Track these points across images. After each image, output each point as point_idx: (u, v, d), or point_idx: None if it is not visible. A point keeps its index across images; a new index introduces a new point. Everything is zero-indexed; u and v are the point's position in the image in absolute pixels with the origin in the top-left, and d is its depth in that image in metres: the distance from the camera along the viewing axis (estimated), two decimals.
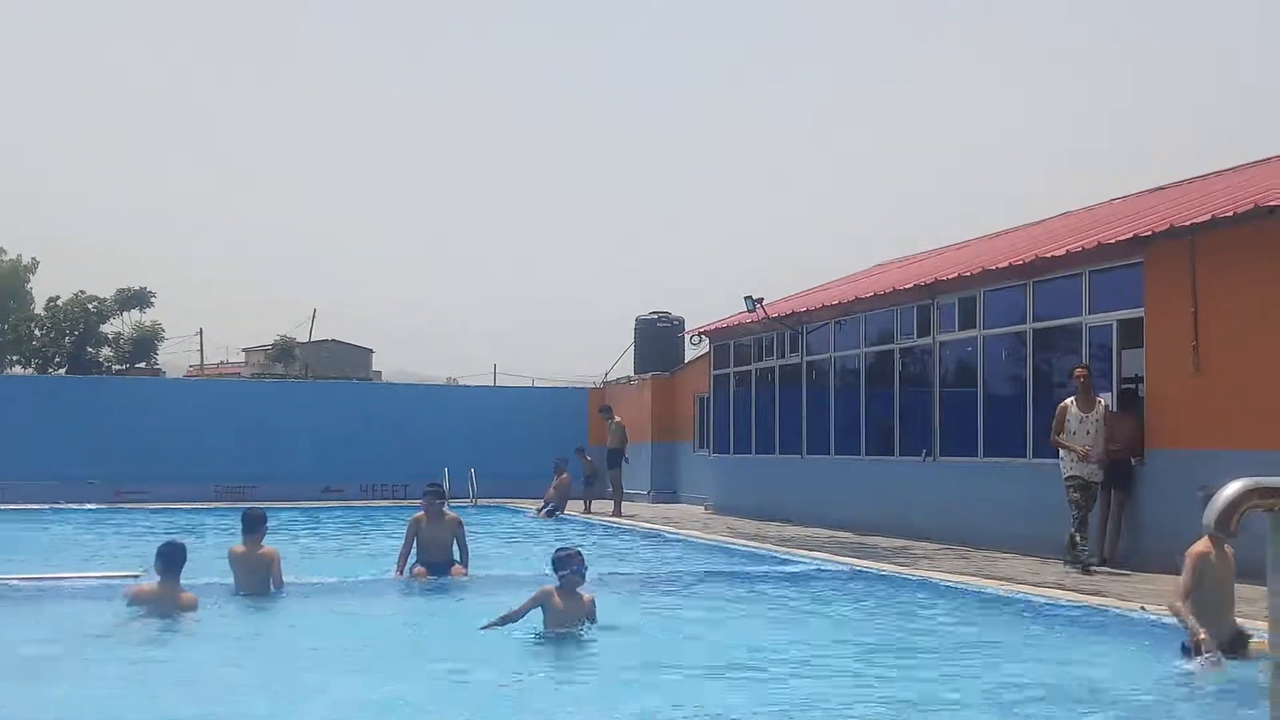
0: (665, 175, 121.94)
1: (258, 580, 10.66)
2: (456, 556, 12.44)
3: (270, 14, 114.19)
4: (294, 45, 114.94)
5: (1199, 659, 7.19)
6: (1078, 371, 13.31)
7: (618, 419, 24.87)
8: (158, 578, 9.49)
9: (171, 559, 9.41)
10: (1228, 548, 7.84)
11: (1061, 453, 13.17)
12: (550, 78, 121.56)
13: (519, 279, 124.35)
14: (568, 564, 8.57)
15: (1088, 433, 12.97)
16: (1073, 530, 12.92)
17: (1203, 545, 7.68)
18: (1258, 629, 8.34)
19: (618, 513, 22.86)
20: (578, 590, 8.64)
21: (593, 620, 8.75)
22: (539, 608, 8.55)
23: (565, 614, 8.54)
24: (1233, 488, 2.26)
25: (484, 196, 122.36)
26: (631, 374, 31.10)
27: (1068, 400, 13.23)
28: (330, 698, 6.98)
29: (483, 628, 8.56)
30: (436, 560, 12.33)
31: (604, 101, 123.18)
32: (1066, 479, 13.06)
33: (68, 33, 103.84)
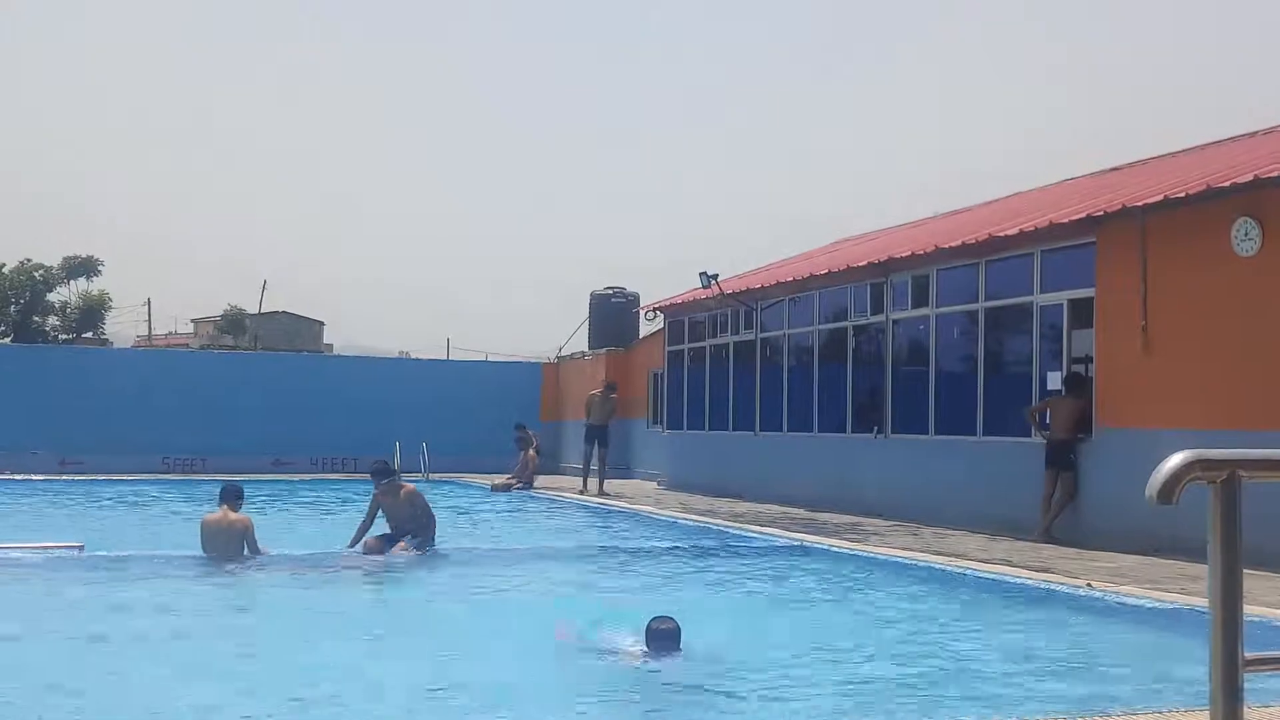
0: (621, 149, 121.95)
1: (232, 547, 11.12)
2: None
3: None
4: (241, 5, 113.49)
5: None
6: None
7: (614, 395, 23.09)
8: None
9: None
10: None
11: None
12: (508, 50, 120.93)
13: (473, 253, 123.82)
14: (658, 639, 6.97)
15: None
16: None
17: None
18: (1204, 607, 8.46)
19: (602, 490, 21.66)
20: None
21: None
22: None
23: None
24: (1176, 459, 2.25)
25: (439, 169, 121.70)
26: (586, 349, 31.03)
27: None
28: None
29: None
30: (407, 530, 12.30)
31: (559, 76, 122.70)
32: None
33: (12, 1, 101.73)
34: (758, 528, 14.97)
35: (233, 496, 11.40)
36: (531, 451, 23.68)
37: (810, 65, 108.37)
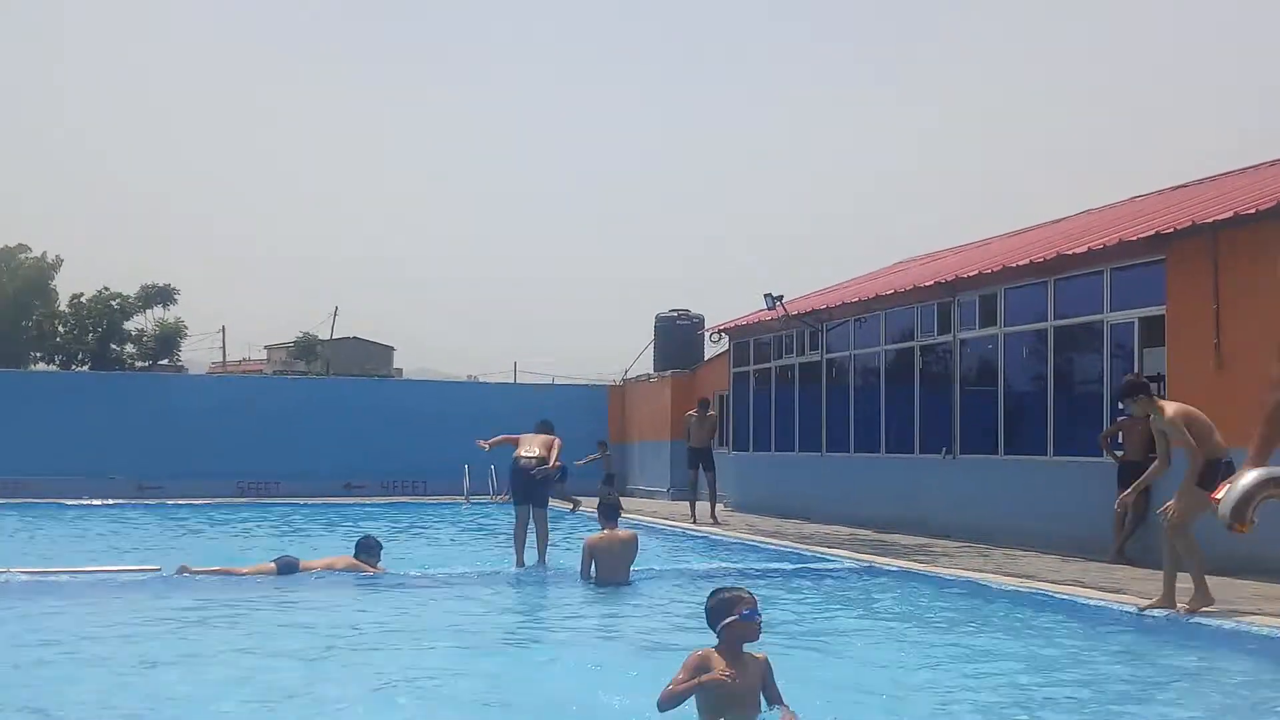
0: (685, 172, 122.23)
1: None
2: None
3: (286, 8, 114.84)
4: (314, 41, 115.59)
5: None
6: None
7: (711, 413, 21.67)
8: None
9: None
10: None
11: None
12: (567, 77, 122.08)
13: (539, 278, 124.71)
14: (728, 609, 5.28)
15: None
16: None
17: None
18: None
19: (714, 515, 20.49)
20: (745, 651, 5.32)
21: (769, 688, 5.35)
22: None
23: (728, 688, 5.14)
24: (1247, 478, 2.24)
25: (505, 194, 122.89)
26: (651, 372, 31.11)
27: None
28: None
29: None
30: (614, 580, 11.28)
31: (622, 99, 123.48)
32: None
33: (93, 32, 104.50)
34: (826, 549, 14.92)
35: (365, 550, 12.17)
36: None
37: (885, 84, 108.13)
